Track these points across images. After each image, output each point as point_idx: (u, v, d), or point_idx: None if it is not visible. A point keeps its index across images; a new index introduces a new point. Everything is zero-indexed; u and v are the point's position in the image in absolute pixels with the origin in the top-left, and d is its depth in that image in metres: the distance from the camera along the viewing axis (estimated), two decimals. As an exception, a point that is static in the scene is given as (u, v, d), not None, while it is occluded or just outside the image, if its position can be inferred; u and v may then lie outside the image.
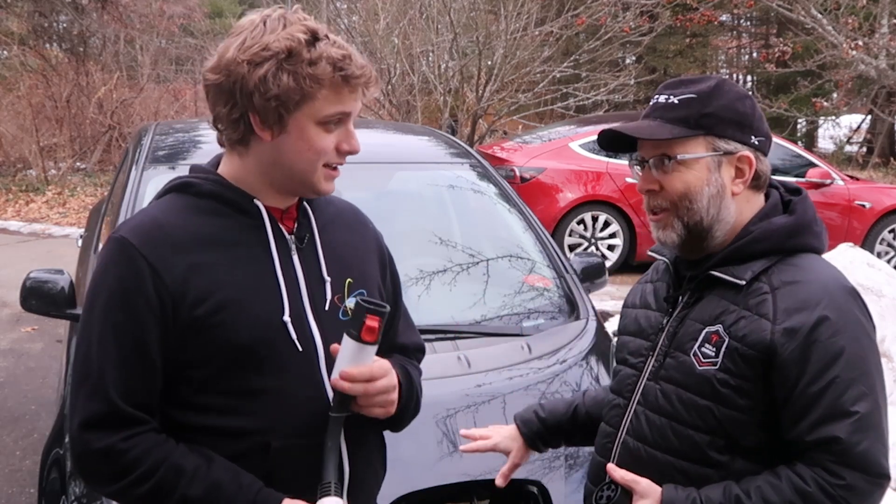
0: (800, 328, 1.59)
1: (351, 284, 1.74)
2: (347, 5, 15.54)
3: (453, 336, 3.10)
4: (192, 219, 1.62)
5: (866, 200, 9.79)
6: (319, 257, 1.71)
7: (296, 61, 1.55)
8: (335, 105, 1.60)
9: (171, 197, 1.68)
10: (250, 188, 1.66)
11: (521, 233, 3.82)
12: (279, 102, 1.55)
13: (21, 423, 5.15)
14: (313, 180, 1.64)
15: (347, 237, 1.80)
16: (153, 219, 1.62)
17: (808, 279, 1.67)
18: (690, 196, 1.72)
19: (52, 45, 18.70)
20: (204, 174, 1.69)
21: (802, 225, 1.74)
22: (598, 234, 9.31)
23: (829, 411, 1.58)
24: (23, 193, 13.87)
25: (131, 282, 1.55)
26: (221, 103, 1.60)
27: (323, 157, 1.62)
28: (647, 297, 1.89)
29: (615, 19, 12.79)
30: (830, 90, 18.14)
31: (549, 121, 14.83)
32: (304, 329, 1.65)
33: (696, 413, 1.68)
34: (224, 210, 1.64)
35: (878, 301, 5.17)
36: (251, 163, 1.65)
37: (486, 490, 2.47)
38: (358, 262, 1.80)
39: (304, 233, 1.71)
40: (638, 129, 1.74)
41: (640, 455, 1.75)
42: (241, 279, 1.60)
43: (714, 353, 1.67)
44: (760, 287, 1.68)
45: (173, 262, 1.56)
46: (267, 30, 1.57)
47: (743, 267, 1.71)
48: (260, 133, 1.59)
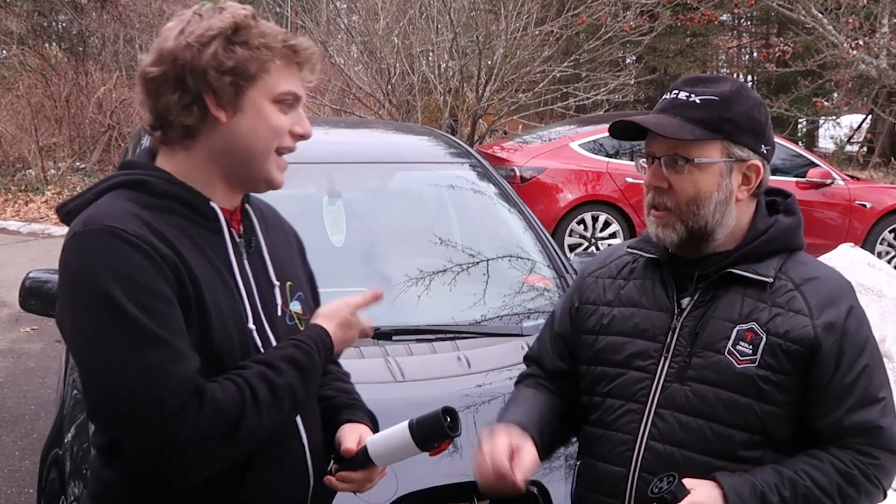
0: (836, 322, 1.68)
1: (291, 287, 1.72)
2: (347, 5, 15.52)
3: (453, 336, 3.09)
4: (154, 216, 1.53)
5: (867, 200, 9.78)
6: (266, 261, 1.68)
7: (245, 34, 1.54)
8: (288, 82, 1.58)
9: (123, 193, 1.56)
10: (201, 186, 1.59)
11: (521, 233, 3.81)
12: (235, 75, 1.52)
13: (20, 424, 5.15)
14: (267, 166, 1.59)
15: (277, 237, 1.78)
16: (125, 209, 1.51)
17: (823, 275, 1.75)
18: (699, 201, 1.71)
19: (51, 45, 18.69)
20: (154, 172, 1.59)
21: (800, 224, 1.81)
22: (598, 234, 9.30)
23: (863, 398, 1.68)
24: (22, 193, 13.85)
25: (139, 261, 1.44)
26: (168, 92, 1.53)
27: (279, 137, 1.58)
28: (632, 295, 1.84)
29: (615, 19, 12.77)
30: (831, 90, 18.15)
31: (549, 121, 14.82)
32: (265, 336, 1.62)
33: (736, 412, 1.69)
34: (181, 210, 1.57)
35: (879, 301, 5.16)
36: (200, 155, 1.58)
37: (486, 490, 2.47)
38: (291, 263, 1.79)
39: (250, 235, 1.68)
40: (659, 126, 1.71)
41: (674, 459, 1.71)
42: (210, 282, 1.54)
43: (751, 351, 1.68)
44: (784, 284, 1.72)
45: (164, 251, 1.47)
46: (204, 17, 1.56)
47: (763, 265, 1.74)
48: (216, 113, 1.54)
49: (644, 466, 1.74)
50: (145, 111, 1.60)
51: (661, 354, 1.76)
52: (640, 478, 1.74)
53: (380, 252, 3.64)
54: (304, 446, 1.66)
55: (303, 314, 1.73)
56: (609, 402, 1.82)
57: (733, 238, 1.76)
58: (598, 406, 1.85)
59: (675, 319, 1.76)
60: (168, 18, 1.73)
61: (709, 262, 1.76)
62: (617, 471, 1.78)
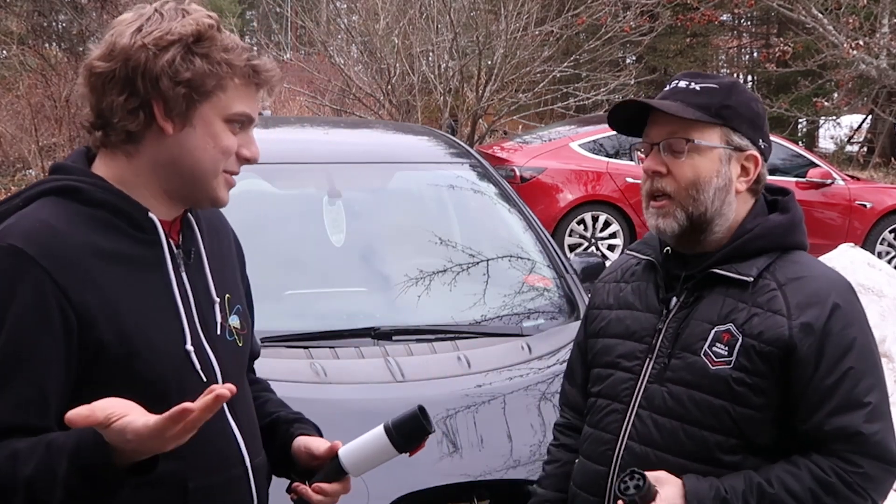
0: (814, 322, 1.63)
1: (230, 300, 1.61)
2: (347, 5, 15.52)
3: (453, 336, 3.09)
4: (82, 229, 1.42)
5: (867, 200, 9.78)
6: (207, 274, 1.56)
7: (208, 45, 1.43)
8: (243, 103, 1.47)
9: (52, 201, 1.44)
10: (139, 196, 1.48)
11: (521, 233, 3.81)
12: (190, 88, 1.42)
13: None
14: (213, 185, 1.49)
15: (217, 245, 1.65)
16: (45, 224, 1.40)
17: (813, 274, 1.71)
18: (699, 185, 1.70)
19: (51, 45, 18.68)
20: (88, 178, 1.47)
21: (795, 223, 1.78)
22: (598, 234, 9.30)
23: (845, 402, 1.61)
24: (22, 193, 13.86)
25: (30, 299, 1.34)
26: (115, 93, 1.42)
27: (226, 157, 1.48)
28: (627, 298, 1.85)
29: (615, 19, 12.77)
30: (831, 90, 18.13)
31: (549, 121, 14.82)
32: (204, 357, 1.51)
33: (710, 414, 1.67)
34: (115, 222, 1.45)
35: (879, 301, 5.17)
36: (142, 164, 1.47)
37: (486, 490, 2.47)
38: (230, 273, 1.67)
39: (190, 246, 1.55)
40: (661, 105, 1.72)
41: (649, 460, 1.71)
42: (141, 303, 1.44)
43: (727, 352, 1.66)
44: (767, 284, 1.69)
45: (77, 278, 1.37)
46: (165, 18, 1.44)
47: (746, 264, 1.71)
48: (162, 123, 1.44)
49: (622, 466, 1.74)
50: (86, 107, 1.48)
51: (646, 355, 1.76)
52: (619, 477, 1.73)
53: (380, 252, 3.65)
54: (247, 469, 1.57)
55: (241, 329, 1.62)
56: (599, 402, 1.84)
57: (728, 236, 1.75)
58: (591, 406, 1.87)
59: (662, 320, 1.76)
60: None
61: (696, 261, 1.76)
62: (600, 469, 1.79)
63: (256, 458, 1.60)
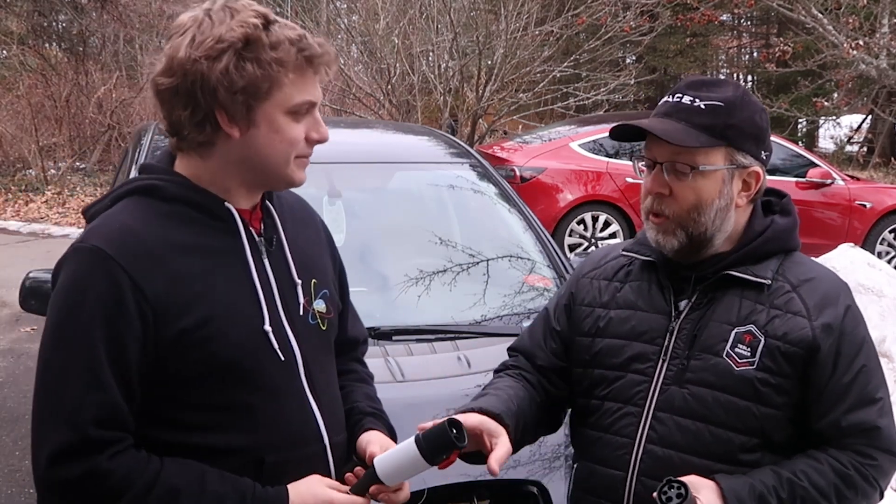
0: (833, 322, 1.67)
1: (316, 285, 1.69)
2: (347, 5, 15.52)
3: (453, 336, 3.09)
4: (162, 225, 1.52)
5: (867, 200, 9.78)
6: (288, 259, 1.65)
7: (256, 48, 1.47)
8: (302, 92, 1.52)
9: (135, 201, 1.56)
10: (218, 189, 1.57)
11: (521, 233, 3.81)
12: (247, 95, 1.47)
13: (21, 423, 5.14)
14: (287, 171, 1.57)
15: (304, 233, 1.74)
16: (125, 225, 1.51)
17: (819, 275, 1.75)
18: (700, 208, 1.70)
19: (51, 45, 18.69)
20: (167, 176, 1.58)
21: (796, 225, 1.81)
22: (598, 234, 9.30)
23: (860, 399, 1.68)
24: (22, 193, 13.85)
25: (110, 297, 1.44)
26: (181, 107, 1.50)
27: (295, 146, 1.55)
28: (628, 298, 1.82)
29: (615, 19, 12.77)
30: (831, 90, 18.14)
31: (549, 121, 14.82)
32: (283, 337, 1.59)
33: (735, 414, 1.68)
34: (194, 215, 1.55)
35: (879, 301, 5.16)
36: (216, 163, 1.56)
37: (486, 490, 2.47)
38: (318, 259, 1.75)
39: (272, 234, 1.64)
40: (665, 132, 1.68)
41: (672, 462, 1.70)
42: (220, 289, 1.52)
43: (750, 353, 1.68)
44: (782, 286, 1.72)
45: (153, 274, 1.47)
46: (215, 22, 1.48)
47: (760, 266, 1.73)
48: (228, 131, 1.51)
49: (643, 470, 1.73)
50: (160, 116, 1.57)
51: (659, 357, 1.75)
52: (638, 481, 1.73)
53: (380, 252, 3.64)
54: (325, 446, 1.64)
55: (326, 313, 1.70)
56: (607, 405, 1.80)
57: (730, 241, 1.76)
58: (596, 409, 1.83)
59: (673, 322, 1.75)
60: (168, 18, 1.67)
61: (707, 264, 1.75)
62: (615, 474, 1.77)
63: (337, 436, 1.67)
